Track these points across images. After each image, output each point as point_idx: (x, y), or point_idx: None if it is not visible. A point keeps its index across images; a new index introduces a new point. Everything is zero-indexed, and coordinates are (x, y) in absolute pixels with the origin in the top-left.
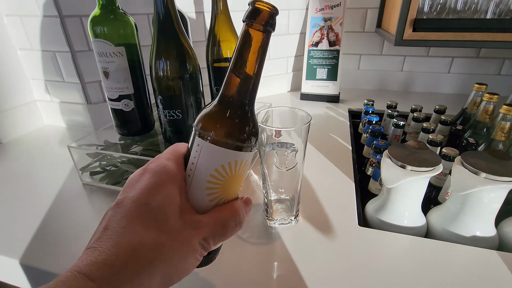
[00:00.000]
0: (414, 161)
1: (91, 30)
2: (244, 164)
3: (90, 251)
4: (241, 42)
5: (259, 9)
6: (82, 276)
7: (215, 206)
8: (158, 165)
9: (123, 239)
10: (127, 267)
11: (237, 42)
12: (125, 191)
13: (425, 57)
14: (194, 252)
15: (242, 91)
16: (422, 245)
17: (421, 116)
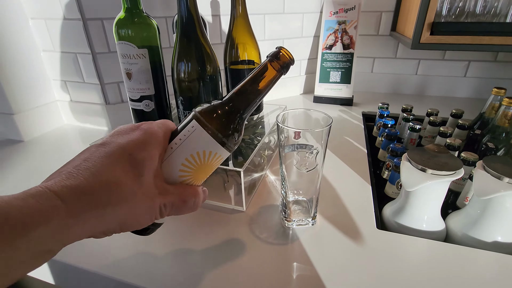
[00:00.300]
0: (435, 165)
1: (116, 32)
2: (219, 159)
3: (65, 175)
4: (258, 70)
5: (282, 54)
6: (53, 194)
7: (181, 184)
8: (150, 128)
9: (101, 173)
10: (97, 197)
11: (255, 68)
12: (113, 136)
13: (440, 60)
14: (153, 212)
15: (245, 104)
16: (442, 250)
17: (437, 120)
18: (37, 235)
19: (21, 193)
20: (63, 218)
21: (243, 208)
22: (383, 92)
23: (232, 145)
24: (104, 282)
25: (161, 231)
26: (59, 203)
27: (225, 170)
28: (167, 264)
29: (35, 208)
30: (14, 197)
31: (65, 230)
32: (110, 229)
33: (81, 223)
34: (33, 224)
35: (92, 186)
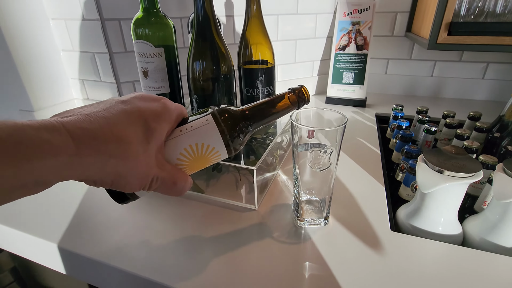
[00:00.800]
0: (452, 166)
1: (133, 31)
2: (217, 157)
3: (82, 117)
4: (277, 96)
5: (302, 92)
6: (66, 132)
7: (175, 166)
8: (167, 105)
9: (116, 126)
10: (105, 146)
11: (276, 94)
12: (134, 98)
13: (457, 62)
14: (145, 180)
15: (257, 119)
16: (459, 254)
17: (454, 122)
18: (42, 165)
19: (36, 123)
20: (70, 156)
21: (255, 207)
22: (397, 93)
23: (233, 149)
24: (113, 273)
25: (174, 225)
26: (70, 141)
27: (238, 169)
28: (177, 258)
29: (46, 140)
30: (28, 125)
31: (68, 168)
32: (103, 180)
33: (83, 165)
34: (42, 154)
35: (105, 135)
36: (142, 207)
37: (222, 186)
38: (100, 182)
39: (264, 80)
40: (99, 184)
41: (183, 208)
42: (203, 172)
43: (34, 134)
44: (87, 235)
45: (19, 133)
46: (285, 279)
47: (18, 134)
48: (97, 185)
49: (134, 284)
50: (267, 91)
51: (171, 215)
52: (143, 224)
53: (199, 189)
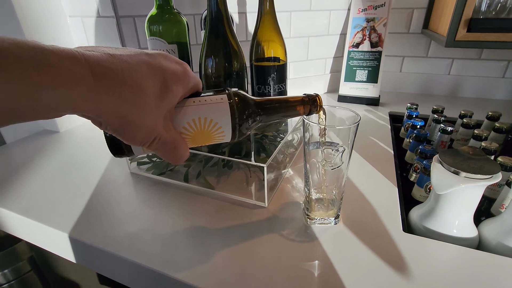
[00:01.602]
0: (469, 168)
1: (148, 28)
2: (220, 137)
3: (106, 56)
4: (291, 97)
5: (315, 101)
6: (87, 66)
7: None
8: (189, 72)
9: (136, 74)
10: (122, 89)
11: (290, 96)
12: (160, 55)
13: (476, 60)
14: (149, 135)
15: (267, 112)
16: (474, 258)
17: (471, 122)
18: (58, 94)
19: (58, 50)
20: (87, 90)
21: (265, 204)
22: (412, 92)
23: (237, 133)
24: (125, 264)
25: (185, 219)
26: (89, 76)
27: (248, 166)
28: (187, 251)
29: (67, 70)
30: (51, 50)
31: (82, 101)
32: (110, 123)
33: (97, 102)
34: (60, 83)
35: (124, 78)
36: (154, 202)
37: (233, 183)
38: (106, 125)
39: (276, 78)
40: (104, 126)
41: (194, 203)
42: (214, 168)
43: (55, 61)
44: (100, 227)
45: (41, 57)
46: (293, 277)
47: (39, 57)
48: (102, 127)
49: (145, 275)
50: (279, 89)
51: (182, 210)
52: (155, 218)
53: (210, 185)
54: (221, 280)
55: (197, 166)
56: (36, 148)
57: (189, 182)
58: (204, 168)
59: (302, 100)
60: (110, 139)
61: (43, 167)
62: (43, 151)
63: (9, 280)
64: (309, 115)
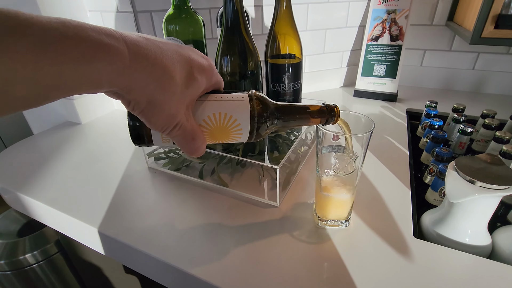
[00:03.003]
0: (486, 177)
1: (165, 28)
2: (238, 135)
3: (141, 38)
4: (310, 105)
5: (333, 111)
6: (124, 43)
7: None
8: (214, 67)
9: (167, 59)
10: (152, 69)
11: (309, 105)
12: (188, 48)
13: (504, 54)
14: (171, 121)
15: (285, 117)
16: (487, 267)
17: (494, 123)
18: (99, 68)
19: (98, 27)
20: (123, 66)
21: (276, 204)
22: (432, 87)
23: (254, 134)
24: (142, 257)
25: (201, 216)
26: (126, 53)
27: (261, 165)
28: (201, 247)
29: (107, 45)
30: (91, 28)
31: (117, 75)
32: (138, 101)
33: (131, 78)
34: (100, 57)
35: (155, 59)
36: (171, 197)
37: (246, 181)
38: (134, 103)
39: (291, 76)
40: (132, 106)
41: (208, 200)
42: (228, 166)
43: (96, 37)
44: (121, 220)
45: (83, 33)
46: (302, 277)
47: (81, 34)
48: (129, 106)
49: (163, 269)
50: (294, 87)
51: (197, 206)
52: (171, 213)
53: (224, 183)
54: (233, 278)
55: (211, 163)
56: (60, 139)
57: (204, 178)
58: (218, 165)
59: (321, 110)
60: (132, 127)
61: (67, 158)
62: (67, 143)
63: (38, 261)
64: (326, 124)
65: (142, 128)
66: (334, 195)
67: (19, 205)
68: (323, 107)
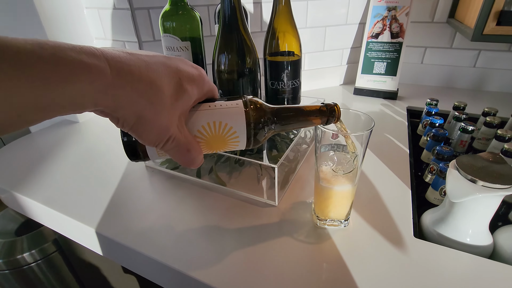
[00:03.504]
0: (487, 176)
1: (161, 25)
2: (235, 143)
3: (124, 54)
4: (308, 106)
5: (333, 111)
6: (105, 61)
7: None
8: (204, 76)
9: (153, 72)
10: (138, 85)
11: (307, 105)
12: (176, 59)
13: (505, 52)
14: (163, 134)
15: (283, 122)
16: (488, 268)
17: (495, 121)
18: (78, 88)
19: (77, 47)
20: (105, 84)
21: (275, 203)
22: (433, 85)
23: (252, 141)
24: (140, 257)
25: (199, 215)
26: (107, 70)
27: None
28: (199, 248)
29: (86, 65)
30: (70, 48)
31: (101, 95)
32: (126, 119)
33: (115, 96)
34: (80, 78)
35: (141, 74)
36: (169, 197)
37: (244, 180)
38: (123, 121)
39: (290, 73)
40: (121, 123)
41: (206, 199)
42: (226, 165)
43: (75, 56)
44: (119, 220)
45: (61, 54)
46: (301, 278)
47: (59, 54)
48: (119, 124)
49: (161, 270)
50: (293, 84)
51: (195, 206)
52: (169, 213)
53: (222, 182)
54: (232, 279)
55: (209, 162)
56: (58, 138)
57: (202, 177)
58: (216, 164)
59: (320, 110)
60: (126, 143)
61: (65, 157)
62: (64, 141)
63: (36, 260)
64: (326, 125)
65: (136, 143)
66: (333, 186)
67: (15, 205)
68: (323, 107)
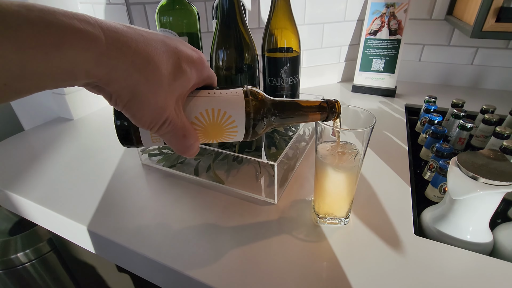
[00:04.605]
0: (489, 173)
1: (158, 19)
2: (233, 132)
3: (122, 27)
4: (309, 101)
5: (334, 106)
6: (99, 28)
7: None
8: (204, 61)
9: (152, 46)
10: (134, 57)
11: (308, 100)
12: (176, 39)
13: (503, 49)
14: (160, 114)
15: (283, 114)
16: (489, 265)
17: (493, 118)
18: (70, 55)
19: (69, 12)
20: (99, 53)
21: (274, 201)
22: (431, 82)
23: (250, 132)
24: (136, 258)
25: (196, 214)
26: (102, 38)
27: (258, 162)
28: (197, 246)
29: (78, 30)
30: (61, 12)
31: (93, 65)
32: (120, 94)
33: (109, 66)
34: (72, 43)
35: (137, 47)
36: (165, 195)
37: (242, 177)
38: (116, 96)
39: (288, 70)
40: (114, 100)
41: (204, 198)
42: (224, 162)
43: (66, 21)
44: (114, 219)
45: (51, 17)
46: (301, 277)
47: (49, 18)
48: (112, 100)
49: (157, 270)
50: (291, 81)
51: (192, 204)
52: (166, 212)
53: (220, 180)
54: (230, 278)
55: (207, 160)
56: (52, 135)
57: (199, 175)
58: (214, 162)
59: (321, 105)
60: (119, 126)
61: (59, 155)
62: (58, 139)
63: (30, 260)
64: (326, 121)
65: (129, 127)
66: (334, 166)
67: (8, 204)
68: (323, 102)
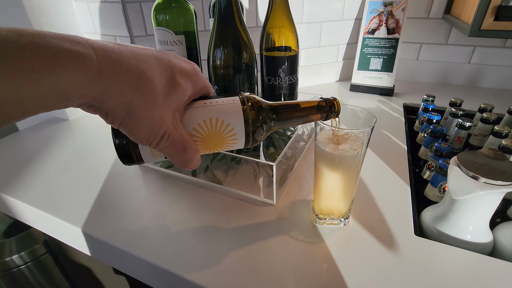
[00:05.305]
0: (489, 173)
1: (154, 18)
2: (233, 140)
3: (113, 45)
4: (307, 102)
5: (333, 106)
6: (90, 48)
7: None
8: (198, 72)
9: (144, 62)
10: (127, 74)
11: (306, 101)
12: (169, 54)
13: (500, 48)
14: (157, 129)
15: (281, 117)
16: (489, 265)
17: (491, 117)
18: (62, 78)
19: (59, 34)
20: (91, 74)
21: (273, 202)
22: (429, 81)
23: (250, 139)
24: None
25: (194, 215)
26: (93, 58)
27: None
28: (195, 249)
29: (68, 52)
30: (51, 35)
31: (86, 86)
32: (116, 112)
33: (102, 86)
34: (63, 66)
35: (130, 65)
36: (163, 196)
37: (241, 178)
38: (112, 115)
39: (287, 69)
40: (111, 118)
41: (202, 199)
42: (222, 163)
43: (56, 44)
44: (110, 221)
45: (40, 41)
46: (301, 279)
47: (38, 41)
48: (108, 119)
49: (154, 273)
50: (290, 80)
51: (190, 205)
52: (163, 213)
53: (218, 180)
54: (228, 281)
55: (205, 160)
56: (47, 136)
57: (197, 176)
58: (212, 162)
59: (320, 105)
60: (118, 145)
61: (53, 156)
62: (53, 139)
63: (26, 262)
64: (326, 120)
65: (128, 144)
66: (334, 151)
67: (2, 206)
68: (322, 102)
